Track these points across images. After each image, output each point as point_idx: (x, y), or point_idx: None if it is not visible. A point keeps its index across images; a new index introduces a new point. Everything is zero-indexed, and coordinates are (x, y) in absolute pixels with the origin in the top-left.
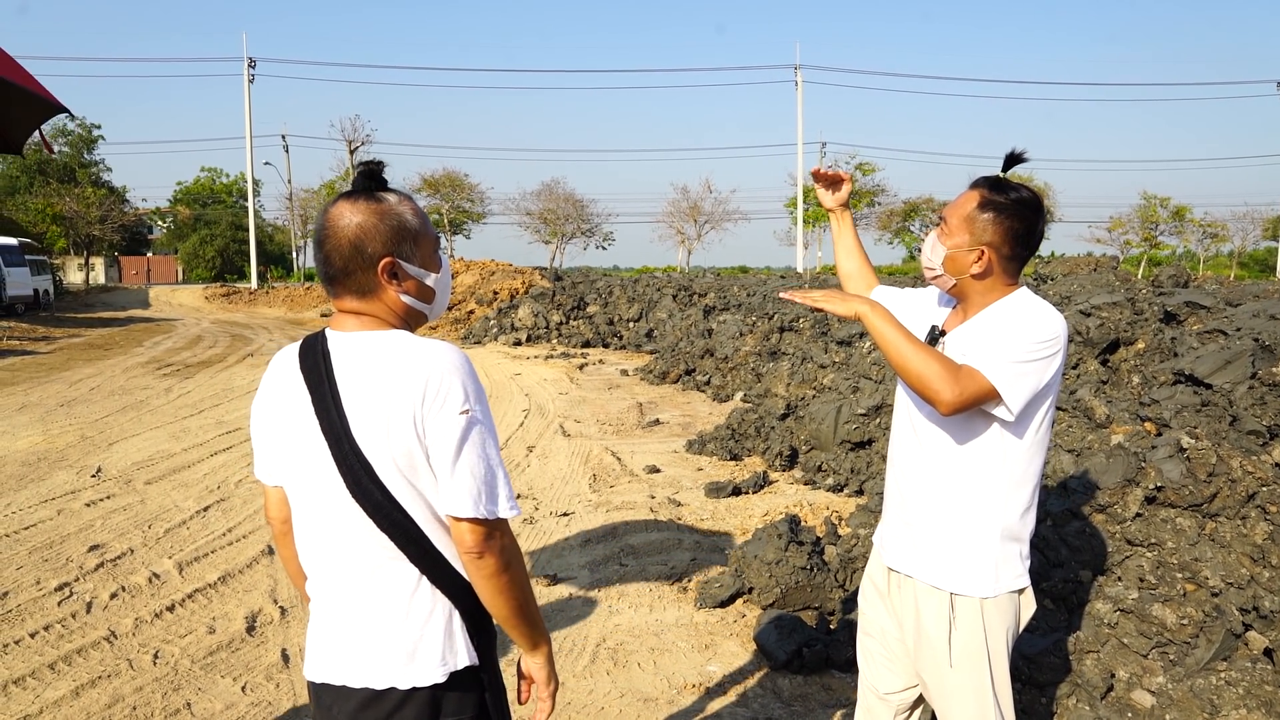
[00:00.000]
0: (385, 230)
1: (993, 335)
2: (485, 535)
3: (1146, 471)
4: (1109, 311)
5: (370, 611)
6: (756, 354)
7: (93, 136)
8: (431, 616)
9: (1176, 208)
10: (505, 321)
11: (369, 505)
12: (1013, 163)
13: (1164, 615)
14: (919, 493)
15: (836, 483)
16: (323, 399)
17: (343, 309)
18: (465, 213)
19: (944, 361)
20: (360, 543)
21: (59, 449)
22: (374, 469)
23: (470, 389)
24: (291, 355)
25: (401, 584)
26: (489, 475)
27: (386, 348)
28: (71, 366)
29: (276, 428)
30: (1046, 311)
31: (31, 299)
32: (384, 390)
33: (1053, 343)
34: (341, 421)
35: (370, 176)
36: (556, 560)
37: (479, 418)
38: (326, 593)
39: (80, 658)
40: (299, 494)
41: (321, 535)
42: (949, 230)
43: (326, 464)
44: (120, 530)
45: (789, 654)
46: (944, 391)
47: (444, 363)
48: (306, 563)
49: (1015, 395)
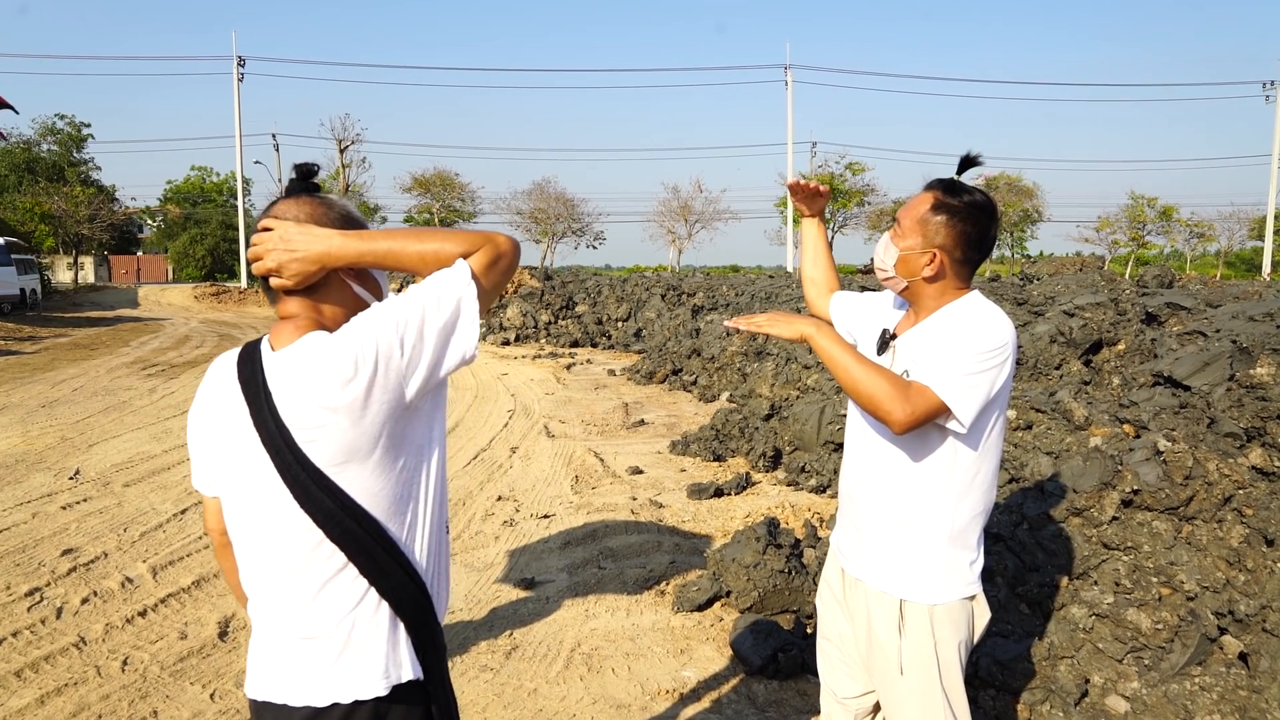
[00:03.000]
0: (336, 219)
1: (942, 343)
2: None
3: (1123, 474)
4: (1092, 312)
5: (313, 626)
6: (743, 354)
7: (82, 135)
8: (374, 628)
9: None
10: (493, 321)
11: (319, 514)
12: (967, 165)
13: (1139, 620)
14: (869, 498)
15: (819, 483)
16: (260, 411)
17: (285, 314)
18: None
19: (893, 380)
20: (306, 556)
21: (38, 450)
22: (323, 475)
23: (373, 335)
24: (229, 364)
25: (346, 597)
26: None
27: (308, 349)
28: (56, 367)
29: (214, 439)
30: (995, 318)
31: (18, 298)
32: (308, 391)
33: (1001, 350)
34: (281, 432)
35: (305, 177)
36: (535, 563)
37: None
38: (269, 608)
39: (48, 665)
40: (238, 508)
41: (264, 550)
42: (901, 232)
43: (270, 477)
44: (95, 534)
45: (764, 659)
46: (895, 411)
47: (341, 337)
48: (248, 580)
49: (966, 408)
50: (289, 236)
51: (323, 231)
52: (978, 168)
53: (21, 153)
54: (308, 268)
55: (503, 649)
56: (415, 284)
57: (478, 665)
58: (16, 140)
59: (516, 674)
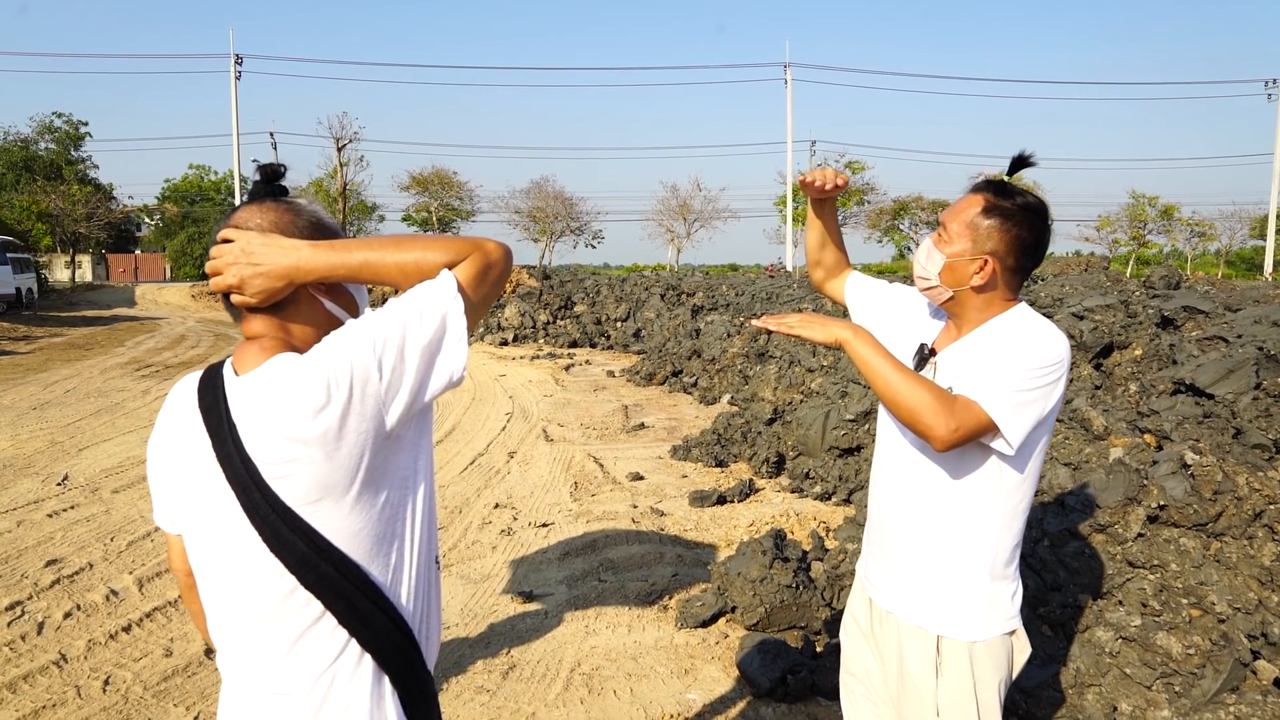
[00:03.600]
0: (304, 226)
1: (990, 358)
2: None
3: (1149, 489)
4: (1102, 314)
5: (288, 682)
6: (744, 355)
7: (80, 133)
8: (357, 683)
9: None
10: (491, 321)
11: (291, 559)
12: (1020, 166)
13: (1168, 644)
14: (904, 523)
15: (824, 490)
16: (223, 444)
17: (250, 334)
18: (454, 211)
19: (937, 393)
20: (279, 605)
21: (26, 455)
22: (295, 515)
23: (346, 362)
24: (190, 389)
25: (325, 649)
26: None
27: (274, 374)
28: (49, 367)
29: (175, 472)
30: (1049, 332)
31: (13, 297)
32: (276, 422)
33: (1056, 367)
34: (247, 468)
35: (270, 179)
36: (534, 575)
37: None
38: (239, 661)
39: (26, 684)
40: (203, 550)
41: (232, 598)
42: (948, 237)
43: (236, 516)
44: (81, 543)
45: (773, 681)
46: (938, 426)
47: (311, 361)
48: (216, 629)
49: (1016, 429)
50: (251, 249)
51: (290, 242)
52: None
53: (19, 151)
54: (273, 284)
55: (500, 668)
56: (395, 298)
57: (474, 686)
58: (14, 138)
59: (514, 696)
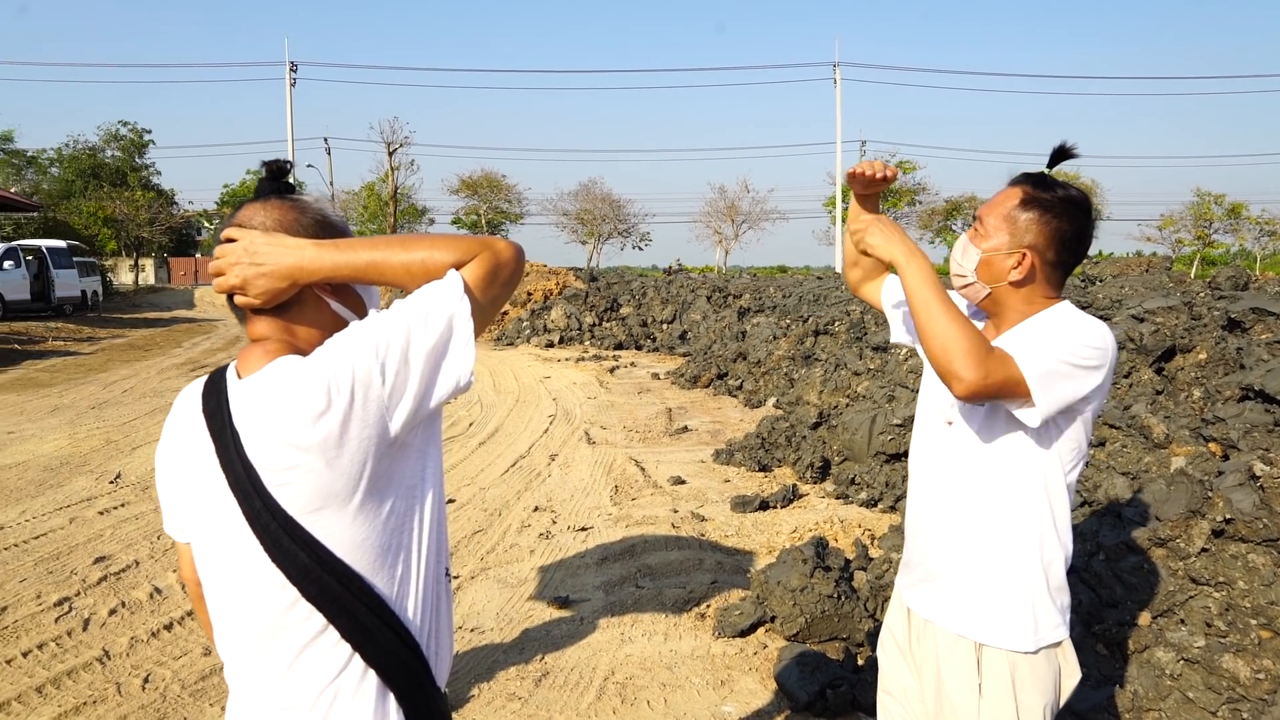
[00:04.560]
0: (309, 225)
1: (1035, 338)
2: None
3: (1214, 501)
4: (1164, 316)
5: (291, 696)
6: (790, 358)
7: (143, 141)
8: (360, 700)
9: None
10: (538, 323)
11: (293, 570)
12: (1060, 158)
13: (1236, 667)
14: (943, 528)
15: (870, 497)
16: (226, 449)
17: (254, 335)
18: (503, 213)
19: (977, 339)
20: (281, 617)
21: (83, 453)
22: (296, 524)
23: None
24: (195, 395)
25: (327, 664)
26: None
27: (276, 378)
28: (109, 368)
29: (182, 479)
30: (1096, 323)
31: (79, 300)
32: (276, 427)
33: (1099, 353)
34: (249, 474)
35: (275, 176)
36: (571, 580)
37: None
38: (244, 674)
39: (70, 680)
40: (209, 559)
41: (236, 609)
42: (985, 231)
43: (239, 525)
44: (129, 541)
45: (812, 695)
46: (967, 370)
47: (312, 364)
48: (222, 641)
49: (1047, 396)
50: (255, 248)
51: (294, 242)
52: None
53: (87, 159)
54: (276, 284)
55: (533, 675)
56: (401, 299)
57: (505, 693)
58: (83, 147)
59: (545, 704)
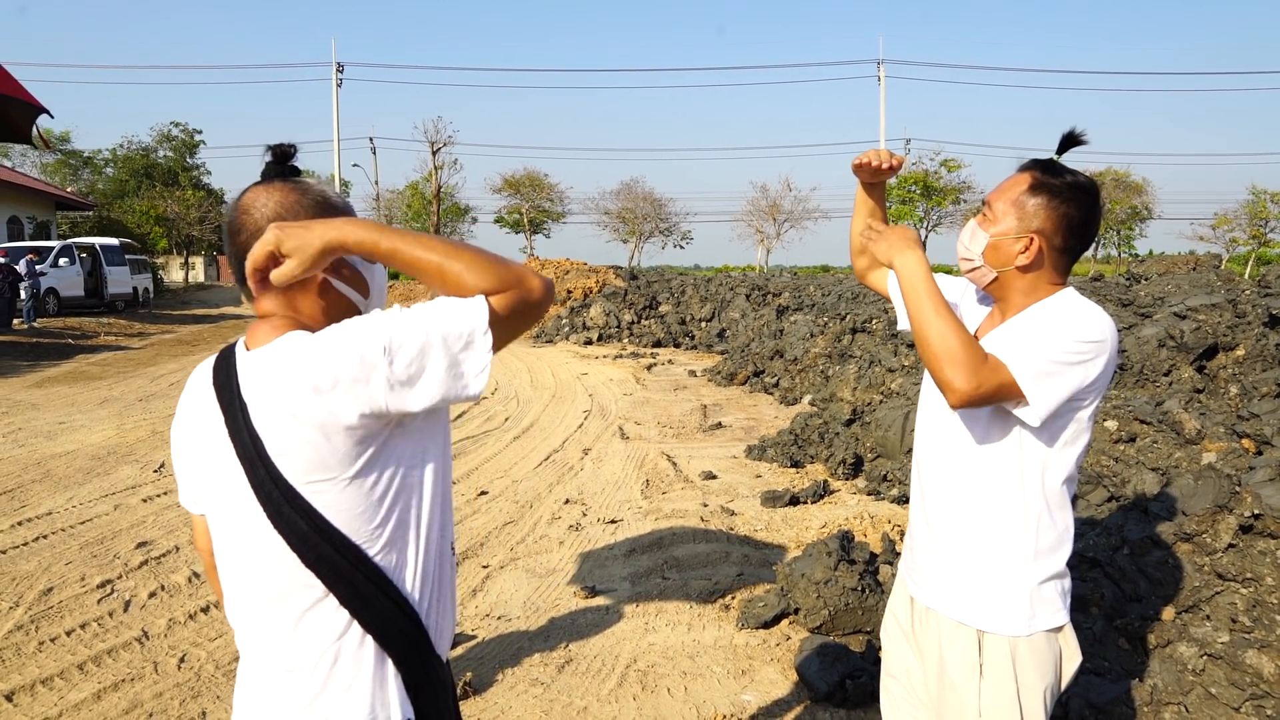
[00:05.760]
0: (310, 206)
1: (1030, 333)
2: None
3: (1242, 496)
4: (1206, 314)
5: (294, 658)
6: (826, 356)
7: (194, 141)
8: (359, 665)
9: None
10: (577, 320)
11: (292, 537)
12: (1069, 144)
13: (1260, 664)
14: (944, 516)
15: (902, 493)
16: (234, 419)
17: (262, 312)
18: (545, 212)
19: (971, 347)
20: (284, 582)
21: (129, 444)
22: (296, 493)
23: (360, 342)
24: (206, 370)
25: (328, 628)
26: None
27: (282, 351)
28: (158, 362)
29: (195, 451)
30: (1094, 312)
31: (131, 296)
32: (279, 398)
33: (1096, 345)
34: (255, 443)
35: (281, 159)
36: (599, 570)
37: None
38: (252, 638)
39: (110, 659)
40: (219, 528)
41: (244, 575)
42: (993, 215)
43: (245, 493)
44: (170, 527)
45: (831, 685)
46: (960, 379)
47: (321, 342)
48: (231, 606)
49: (1042, 397)
50: (292, 232)
51: (328, 222)
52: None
53: (140, 159)
54: (321, 260)
55: (556, 662)
56: (424, 302)
57: (529, 679)
58: (136, 147)
59: (567, 690)
